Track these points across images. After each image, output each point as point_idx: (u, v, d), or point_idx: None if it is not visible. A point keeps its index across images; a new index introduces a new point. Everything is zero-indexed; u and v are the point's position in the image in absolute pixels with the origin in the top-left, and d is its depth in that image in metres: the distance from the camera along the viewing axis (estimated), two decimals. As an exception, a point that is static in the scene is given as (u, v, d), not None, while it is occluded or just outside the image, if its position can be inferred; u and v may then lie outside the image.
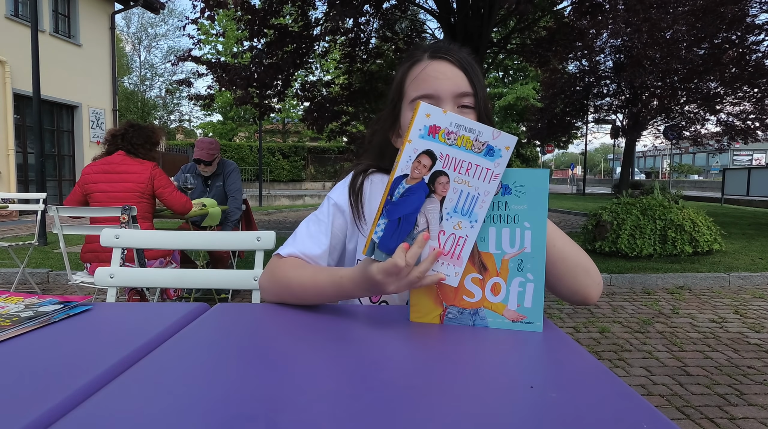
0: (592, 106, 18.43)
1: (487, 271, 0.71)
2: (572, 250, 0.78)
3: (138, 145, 2.76)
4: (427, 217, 0.67)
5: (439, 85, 0.84)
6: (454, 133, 0.66)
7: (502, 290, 0.70)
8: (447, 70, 0.85)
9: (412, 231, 0.67)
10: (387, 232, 0.67)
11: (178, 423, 0.42)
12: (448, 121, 0.65)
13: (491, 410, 0.45)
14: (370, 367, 0.55)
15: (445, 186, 0.66)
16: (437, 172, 0.66)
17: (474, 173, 0.66)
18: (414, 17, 9.85)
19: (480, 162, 0.66)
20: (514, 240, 0.69)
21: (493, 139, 0.66)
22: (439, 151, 0.66)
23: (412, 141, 0.65)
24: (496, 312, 0.71)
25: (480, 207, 0.67)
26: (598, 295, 0.80)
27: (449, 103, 0.84)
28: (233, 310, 0.78)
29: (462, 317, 0.72)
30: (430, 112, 0.65)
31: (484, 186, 0.66)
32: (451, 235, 0.67)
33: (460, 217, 0.67)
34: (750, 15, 10.13)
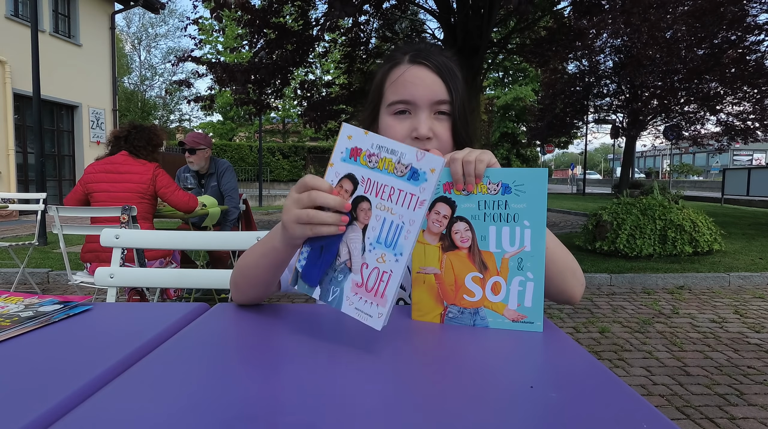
0: (592, 106, 18.43)
1: (487, 270, 0.70)
2: (561, 252, 0.79)
3: (140, 147, 2.78)
4: (349, 248, 0.62)
5: (416, 92, 0.85)
6: (375, 155, 0.61)
7: (503, 289, 0.70)
8: (426, 76, 0.86)
9: (334, 261, 0.63)
10: (309, 260, 0.64)
11: (178, 423, 0.42)
12: (370, 142, 0.61)
13: (491, 410, 0.45)
14: (370, 367, 0.55)
15: (367, 213, 0.62)
16: (358, 197, 0.62)
17: (397, 199, 0.60)
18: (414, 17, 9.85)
19: (403, 187, 0.60)
20: (514, 239, 0.69)
21: (417, 161, 0.60)
22: (361, 175, 0.62)
23: (333, 164, 0.63)
24: (496, 312, 0.70)
25: (405, 238, 0.60)
26: (581, 295, 0.82)
27: (425, 110, 0.85)
28: (233, 310, 0.78)
29: (462, 317, 0.71)
30: (351, 134, 0.62)
31: (408, 214, 0.60)
32: (375, 268, 0.61)
33: (384, 249, 0.61)
34: (750, 15, 10.13)
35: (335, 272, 0.63)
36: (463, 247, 0.70)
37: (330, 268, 0.63)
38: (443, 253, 0.71)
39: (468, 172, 0.69)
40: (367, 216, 0.62)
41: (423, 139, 0.85)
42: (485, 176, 0.69)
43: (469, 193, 0.70)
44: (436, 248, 0.72)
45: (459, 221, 0.70)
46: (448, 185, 0.71)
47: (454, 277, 0.71)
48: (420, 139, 0.85)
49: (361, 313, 0.62)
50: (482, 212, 0.69)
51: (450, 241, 0.71)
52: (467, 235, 0.70)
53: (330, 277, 0.64)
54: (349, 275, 0.63)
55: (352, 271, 0.62)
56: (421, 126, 0.84)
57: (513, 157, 29.05)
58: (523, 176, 0.68)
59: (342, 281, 0.63)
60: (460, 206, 0.70)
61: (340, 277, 0.63)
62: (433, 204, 0.71)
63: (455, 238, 0.71)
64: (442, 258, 0.72)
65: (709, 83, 13.31)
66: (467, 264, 0.71)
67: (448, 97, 0.86)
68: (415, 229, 0.60)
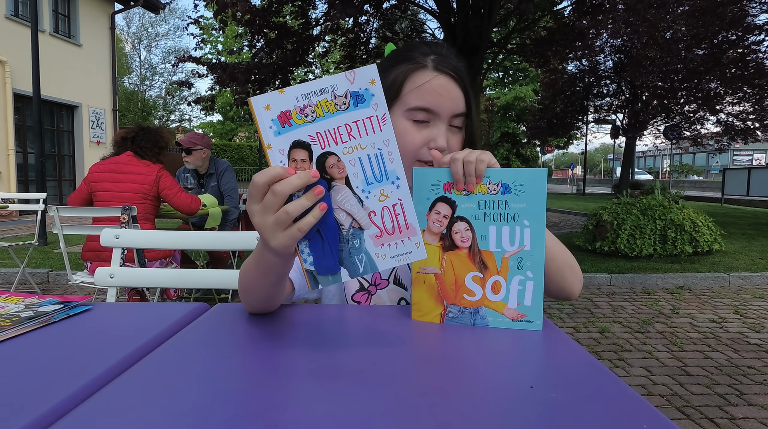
0: (592, 106, 18.42)
1: (487, 269, 0.71)
2: (560, 249, 0.80)
3: (146, 148, 2.80)
4: (346, 210, 0.57)
5: (442, 103, 0.84)
6: (307, 105, 0.55)
7: (503, 289, 0.70)
8: (452, 89, 0.85)
9: (340, 232, 0.58)
10: (315, 253, 0.58)
11: (178, 423, 0.42)
12: (293, 97, 0.55)
13: (491, 410, 0.45)
14: (370, 367, 0.55)
15: (338, 165, 0.56)
16: (320, 157, 0.56)
17: (359, 131, 0.56)
18: (414, 17, 9.86)
19: (356, 116, 0.55)
20: (514, 238, 0.70)
21: (352, 83, 0.54)
22: (307, 134, 0.55)
23: (271, 145, 0.55)
24: (496, 311, 0.71)
25: (391, 161, 0.57)
26: (580, 290, 0.83)
27: (445, 121, 0.85)
28: (233, 310, 0.78)
29: (462, 316, 0.72)
30: (267, 103, 0.55)
31: (379, 137, 0.56)
32: (384, 208, 0.57)
33: (379, 185, 0.57)
34: (750, 15, 10.13)
35: (348, 243, 0.58)
36: (464, 247, 0.71)
37: (341, 243, 0.58)
38: (443, 253, 0.72)
39: (468, 172, 0.69)
40: (340, 169, 0.56)
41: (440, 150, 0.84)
42: (485, 176, 0.69)
43: (469, 193, 0.70)
44: (437, 248, 0.72)
45: (459, 221, 0.71)
46: (448, 185, 0.71)
47: (455, 276, 0.72)
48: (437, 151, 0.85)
49: (400, 257, 0.58)
50: (482, 212, 0.70)
51: (450, 241, 0.71)
52: (467, 234, 0.71)
53: (347, 250, 0.58)
54: (363, 234, 0.58)
55: (364, 229, 0.58)
56: (440, 138, 0.84)
57: (513, 157, 29.04)
58: (523, 176, 0.69)
59: (361, 244, 0.58)
60: (460, 206, 0.70)
61: (356, 242, 0.58)
62: (434, 204, 0.71)
63: (455, 237, 0.71)
64: (443, 258, 0.72)
65: (709, 83, 13.31)
66: (467, 263, 0.71)
67: (465, 111, 0.87)
68: (394, 148, 0.57)
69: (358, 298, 0.88)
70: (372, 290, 0.88)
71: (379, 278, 0.88)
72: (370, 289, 0.88)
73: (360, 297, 0.88)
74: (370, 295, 0.88)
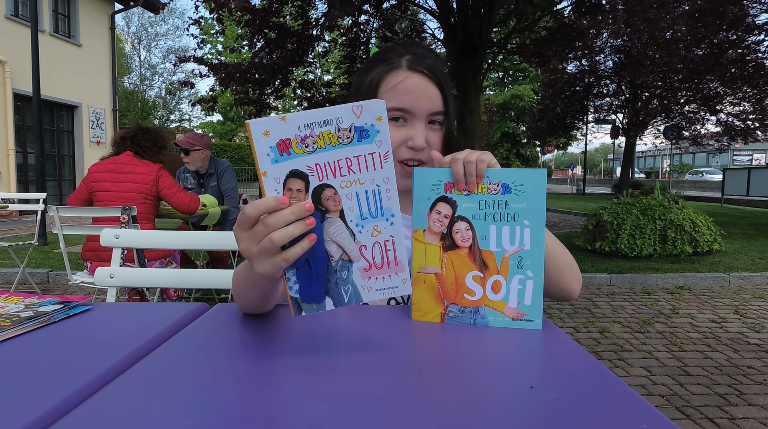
0: (592, 106, 18.43)
1: (487, 268, 0.71)
2: (559, 249, 0.81)
3: (146, 148, 2.81)
4: (337, 242, 0.57)
5: (416, 101, 0.85)
6: (308, 136, 0.53)
7: (503, 288, 0.71)
8: (426, 86, 0.86)
9: (329, 264, 0.57)
10: (302, 281, 0.57)
11: (178, 423, 0.42)
12: (294, 125, 0.53)
13: (491, 410, 0.45)
14: (370, 367, 0.55)
15: (335, 198, 0.56)
16: (317, 188, 0.55)
17: (359, 167, 0.55)
18: (414, 17, 9.86)
19: (358, 151, 0.54)
20: (514, 238, 0.70)
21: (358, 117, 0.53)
22: (305, 164, 0.54)
23: (266, 173, 0.53)
24: (496, 310, 0.71)
25: (388, 198, 0.56)
26: (579, 291, 0.83)
27: (422, 120, 0.86)
28: (233, 310, 0.78)
29: (463, 316, 0.72)
30: (267, 129, 0.53)
31: (378, 174, 0.55)
32: (375, 244, 0.57)
33: (373, 221, 0.57)
34: (750, 15, 10.13)
35: (336, 273, 0.58)
36: (464, 247, 0.71)
37: (329, 273, 0.58)
38: (444, 253, 0.72)
39: (469, 172, 0.69)
40: (336, 202, 0.56)
41: (418, 149, 0.85)
42: (486, 176, 0.70)
43: (470, 192, 0.70)
44: (437, 248, 0.72)
45: (460, 221, 0.71)
46: (449, 185, 0.71)
47: (455, 276, 0.72)
48: (415, 149, 0.86)
49: (385, 290, 0.58)
50: (483, 212, 0.70)
51: (451, 241, 0.71)
52: (468, 234, 0.71)
53: (333, 281, 0.58)
54: (352, 267, 0.58)
55: (353, 262, 0.58)
56: (418, 136, 0.85)
57: (513, 157, 29.04)
58: (523, 176, 0.69)
59: (349, 276, 0.58)
60: (460, 206, 0.71)
61: (344, 274, 0.58)
62: (434, 204, 0.71)
63: (456, 237, 0.71)
64: (443, 257, 0.72)
65: (709, 83, 13.31)
66: (468, 263, 0.71)
67: (443, 109, 0.87)
68: (393, 186, 0.56)
69: None
70: None
71: None
72: None
73: None
74: None
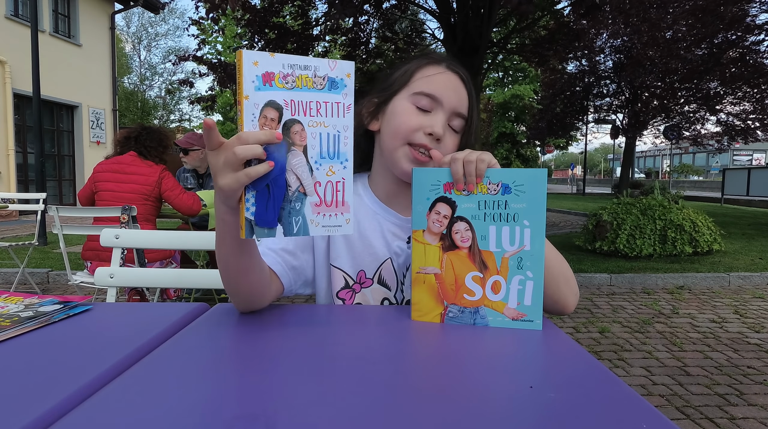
0: (592, 106, 18.42)
1: (487, 269, 0.71)
2: (556, 258, 0.79)
3: (151, 147, 2.81)
4: (297, 174, 0.62)
5: (447, 94, 0.86)
6: (290, 74, 0.60)
7: (503, 288, 0.70)
8: (458, 86, 0.88)
9: (287, 193, 0.62)
10: (259, 204, 0.61)
11: (177, 423, 0.42)
12: (280, 63, 0.60)
13: (491, 410, 0.45)
14: (370, 367, 0.55)
15: (302, 134, 0.61)
16: (288, 121, 0.61)
17: (326, 111, 0.62)
18: (414, 17, 9.85)
19: (327, 98, 0.62)
20: (514, 238, 0.70)
21: (332, 70, 0.61)
22: (282, 98, 0.60)
23: (248, 96, 0.59)
24: (496, 310, 0.71)
25: (345, 145, 0.63)
26: (575, 306, 0.82)
27: (445, 112, 0.86)
28: (233, 310, 0.78)
29: (463, 316, 0.72)
30: (257, 59, 0.59)
31: (340, 121, 0.63)
32: (328, 182, 0.63)
33: (330, 162, 0.63)
34: (750, 15, 10.13)
35: (291, 203, 0.62)
36: (464, 247, 0.71)
37: (285, 202, 0.62)
38: (443, 253, 0.72)
39: (469, 172, 0.70)
40: (302, 137, 0.61)
41: (436, 136, 0.84)
42: (485, 177, 0.70)
43: (469, 193, 0.70)
44: (437, 248, 0.72)
45: (459, 221, 0.71)
46: (448, 185, 0.71)
47: (455, 276, 0.72)
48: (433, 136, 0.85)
49: (330, 228, 0.64)
50: (482, 212, 0.70)
51: (450, 241, 0.71)
52: (467, 234, 0.71)
53: (287, 209, 0.62)
54: (306, 199, 0.63)
55: (307, 195, 0.63)
56: (437, 125, 0.84)
57: (513, 157, 29.03)
58: (523, 177, 0.69)
59: (301, 208, 0.63)
60: (460, 206, 0.71)
61: (297, 205, 0.63)
62: (434, 204, 0.71)
63: (455, 237, 0.71)
64: (443, 258, 0.72)
65: (709, 83, 13.31)
66: (467, 263, 0.71)
67: (466, 113, 0.88)
68: (350, 134, 0.63)
69: (342, 295, 0.89)
70: (356, 288, 0.89)
71: (364, 277, 0.89)
72: (354, 288, 0.89)
73: (344, 294, 0.89)
74: (354, 292, 0.89)
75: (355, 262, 0.89)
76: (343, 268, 0.89)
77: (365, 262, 0.89)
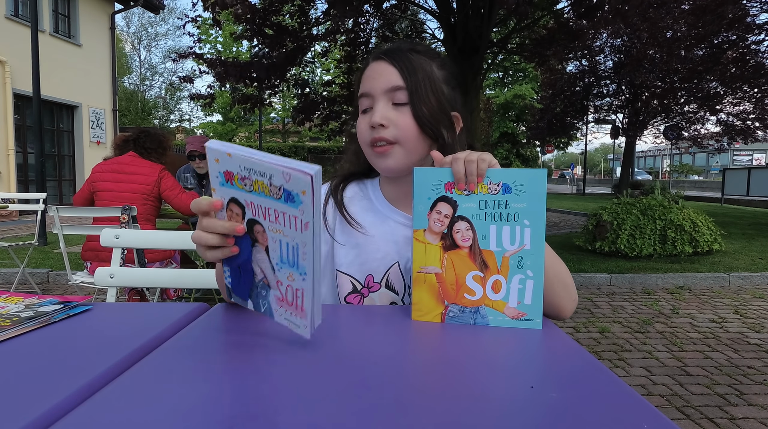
0: (592, 106, 18.42)
1: (488, 268, 0.71)
2: (553, 261, 0.78)
3: (151, 149, 2.83)
4: (261, 267, 0.63)
5: (373, 84, 0.86)
6: (247, 178, 0.57)
7: (503, 288, 0.71)
8: (382, 69, 0.87)
9: (253, 279, 0.64)
10: (233, 278, 0.67)
11: (177, 423, 0.42)
12: (237, 164, 0.57)
13: (491, 410, 0.45)
14: (370, 366, 0.55)
15: (263, 235, 0.60)
16: (250, 220, 0.60)
17: (285, 221, 0.57)
18: (414, 17, 9.85)
19: (285, 209, 0.56)
20: (515, 237, 0.70)
21: (287, 182, 0.54)
22: (243, 199, 0.60)
23: (215, 190, 0.61)
24: (497, 310, 0.71)
25: (303, 259, 0.57)
26: (572, 311, 0.80)
27: (382, 99, 0.85)
28: (233, 310, 0.78)
29: (463, 315, 0.72)
30: (218, 157, 0.59)
31: (298, 236, 0.56)
32: (288, 286, 0.60)
33: (289, 269, 0.59)
34: (750, 15, 10.13)
35: (258, 288, 0.65)
36: (464, 246, 0.71)
37: (253, 285, 0.65)
38: (444, 253, 0.72)
39: (470, 172, 0.70)
40: (264, 238, 0.60)
41: (376, 126, 0.84)
42: (486, 176, 0.70)
43: (470, 192, 0.71)
44: (438, 247, 0.72)
45: (460, 221, 0.71)
46: (449, 185, 0.71)
47: (455, 276, 0.72)
48: (374, 128, 0.84)
49: (291, 323, 0.62)
50: (483, 212, 0.70)
51: (451, 241, 0.72)
52: (468, 234, 0.71)
53: (255, 292, 0.65)
54: (270, 291, 0.64)
55: (270, 288, 0.63)
56: (375, 115, 0.84)
57: (513, 157, 29.03)
58: (523, 176, 0.69)
59: (267, 295, 0.64)
60: (461, 206, 0.71)
61: (263, 292, 0.64)
62: (435, 203, 0.72)
63: (456, 237, 0.71)
64: (443, 257, 0.72)
65: (709, 83, 13.32)
66: (468, 263, 0.71)
67: (402, 83, 0.84)
68: (309, 250, 0.56)
69: (350, 299, 0.89)
70: (365, 292, 0.89)
71: (372, 281, 0.89)
72: (362, 292, 0.89)
73: (352, 298, 0.89)
74: (362, 297, 0.89)
75: (363, 267, 0.89)
76: (351, 273, 0.89)
77: (373, 265, 0.89)
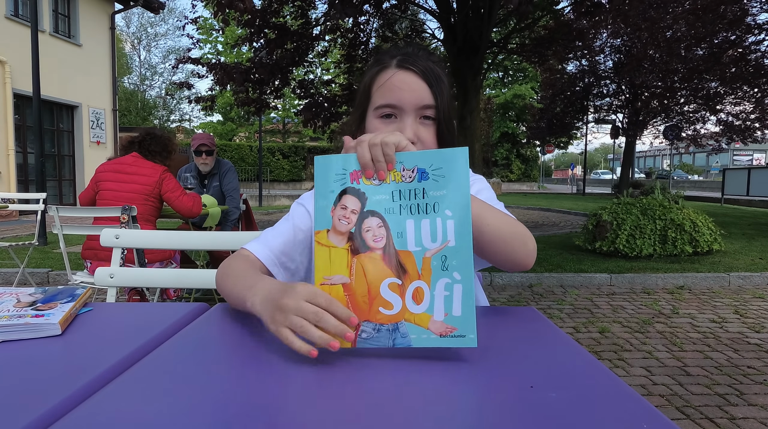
0: (592, 106, 18.43)
1: (406, 273, 0.58)
2: (506, 226, 0.73)
3: (156, 152, 2.84)
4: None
5: (403, 96, 0.86)
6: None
7: (426, 297, 0.58)
8: (412, 81, 0.86)
9: None
10: None
11: (177, 423, 0.42)
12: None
13: (491, 410, 0.45)
14: (370, 366, 0.55)
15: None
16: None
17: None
18: (414, 17, 9.85)
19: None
20: (436, 233, 0.58)
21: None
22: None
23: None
24: (420, 325, 0.57)
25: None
26: (533, 260, 0.77)
27: (411, 114, 0.86)
28: (233, 310, 0.78)
29: (379, 336, 0.58)
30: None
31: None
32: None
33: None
34: (750, 15, 10.13)
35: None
36: (377, 248, 0.59)
37: None
38: (352, 257, 0.60)
39: (376, 157, 0.60)
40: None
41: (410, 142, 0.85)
42: (398, 161, 0.60)
43: (380, 181, 0.60)
44: (344, 251, 0.60)
45: (370, 216, 0.60)
46: (355, 174, 0.61)
47: (367, 285, 0.59)
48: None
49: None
50: (397, 204, 0.59)
51: (360, 241, 0.60)
52: (381, 232, 0.60)
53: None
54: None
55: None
56: (407, 130, 0.85)
57: (513, 157, 29.03)
58: (441, 158, 0.59)
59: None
60: (370, 198, 0.60)
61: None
62: (339, 197, 0.61)
63: (366, 236, 0.60)
64: (352, 263, 0.59)
65: (709, 83, 13.32)
66: (382, 268, 0.59)
67: (433, 102, 0.86)
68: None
69: None
70: None
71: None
72: None
73: None
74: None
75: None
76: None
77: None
